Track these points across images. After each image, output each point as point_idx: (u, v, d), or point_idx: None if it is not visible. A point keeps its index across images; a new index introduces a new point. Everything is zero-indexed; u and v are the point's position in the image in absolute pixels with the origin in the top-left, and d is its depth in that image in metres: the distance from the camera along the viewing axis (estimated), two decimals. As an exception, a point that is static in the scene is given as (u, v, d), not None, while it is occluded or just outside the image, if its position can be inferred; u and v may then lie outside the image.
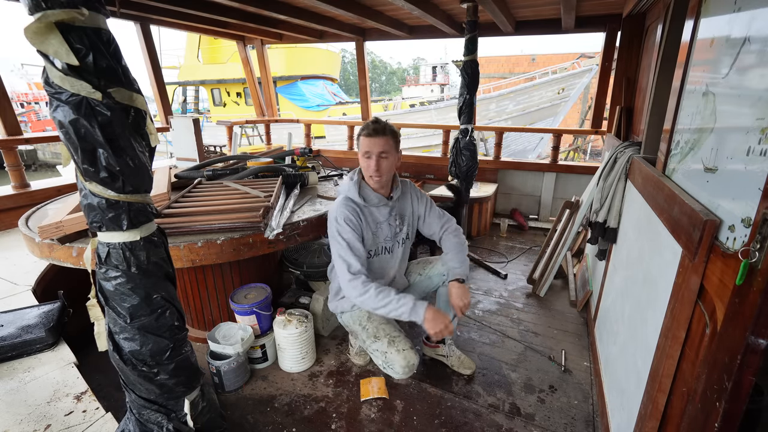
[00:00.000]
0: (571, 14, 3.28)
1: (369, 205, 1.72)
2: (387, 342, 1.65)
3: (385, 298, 1.55)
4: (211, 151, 4.57)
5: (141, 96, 0.91)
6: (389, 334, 1.68)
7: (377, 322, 1.73)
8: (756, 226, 0.69)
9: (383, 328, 1.71)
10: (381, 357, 1.65)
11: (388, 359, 1.62)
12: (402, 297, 1.55)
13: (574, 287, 2.75)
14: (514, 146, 10.15)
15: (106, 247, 0.96)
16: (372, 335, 1.70)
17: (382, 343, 1.65)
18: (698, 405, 0.84)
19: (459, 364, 1.95)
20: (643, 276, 1.39)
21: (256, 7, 3.24)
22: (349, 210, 1.66)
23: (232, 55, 12.21)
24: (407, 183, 1.89)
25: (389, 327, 1.72)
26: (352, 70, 45.93)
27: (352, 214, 1.66)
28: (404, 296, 1.56)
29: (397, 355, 1.60)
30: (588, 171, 3.92)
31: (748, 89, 0.82)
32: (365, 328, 1.74)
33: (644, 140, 1.85)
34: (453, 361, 1.96)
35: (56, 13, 0.75)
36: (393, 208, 1.78)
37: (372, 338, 1.69)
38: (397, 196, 1.78)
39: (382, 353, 1.64)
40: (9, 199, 2.79)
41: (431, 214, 1.88)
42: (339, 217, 1.65)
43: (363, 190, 1.71)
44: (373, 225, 1.74)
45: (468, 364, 1.95)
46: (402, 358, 1.59)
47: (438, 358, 2.00)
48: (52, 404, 1.32)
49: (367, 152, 1.62)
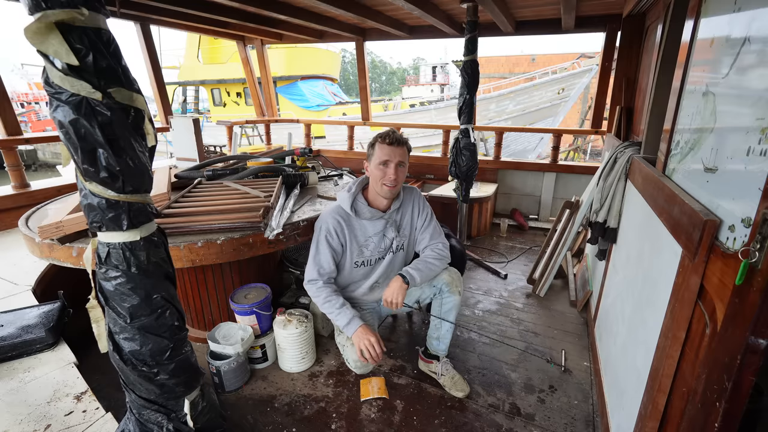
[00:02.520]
0: (571, 14, 3.28)
1: (360, 218, 1.73)
2: (345, 337, 1.77)
3: (330, 307, 1.70)
4: (211, 151, 4.56)
5: (141, 96, 0.91)
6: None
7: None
8: (756, 226, 0.69)
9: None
10: (341, 349, 1.83)
11: (345, 352, 1.80)
12: (342, 312, 1.68)
13: (574, 287, 2.75)
14: (514, 146, 10.16)
15: (106, 247, 0.96)
16: (338, 329, 1.84)
17: (342, 337, 1.81)
18: (698, 405, 0.84)
19: (451, 385, 1.83)
20: (643, 276, 1.39)
21: (256, 7, 3.24)
22: (334, 222, 1.70)
23: (232, 55, 12.21)
24: (413, 191, 1.87)
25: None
26: (352, 70, 45.92)
27: (337, 227, 1.70)
28: (344, 311, 1.68)
29: (351, 349, 1.73)
30: (588, 171, 3.92)
31: (748, 89, 0.82)
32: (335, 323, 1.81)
33: (644, 140, 1.84)
34: (445, 381, 1.85)
35: (56, 13, 0.75)
36: (388, 221, 1.78)
37: (337, 331, 1.86)
38: (395, 208, 1.78)
39: (341, 345, 1.82)
40: (9, 199, 2.79)
41: (427, 229, 1.85)
42: (323, 227, 1.71)
43: (356, 203, 1.72)
44: (362, 238, 1.76)
45: (461, 386, 1.82)
46: (354, 352, 1.70)
47: (431, 375, 1.92)
48: (52, 404, 1.32)
49: (386, 161, 1.63)
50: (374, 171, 1.67)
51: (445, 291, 1.79)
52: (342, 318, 1.67)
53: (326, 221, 1.70)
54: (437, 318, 1.83)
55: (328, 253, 1.71)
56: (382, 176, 1.65)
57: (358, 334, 1.63)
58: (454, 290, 1.78)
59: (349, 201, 1.70)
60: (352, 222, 1.73)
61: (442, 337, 1.85)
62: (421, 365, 1.97)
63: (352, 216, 1.72)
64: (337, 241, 1.72)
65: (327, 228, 1.70)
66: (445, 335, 1.85)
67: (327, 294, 1.71)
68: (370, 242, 1.78)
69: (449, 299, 1.79)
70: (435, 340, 1.87)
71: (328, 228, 1.70)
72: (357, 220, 1.73)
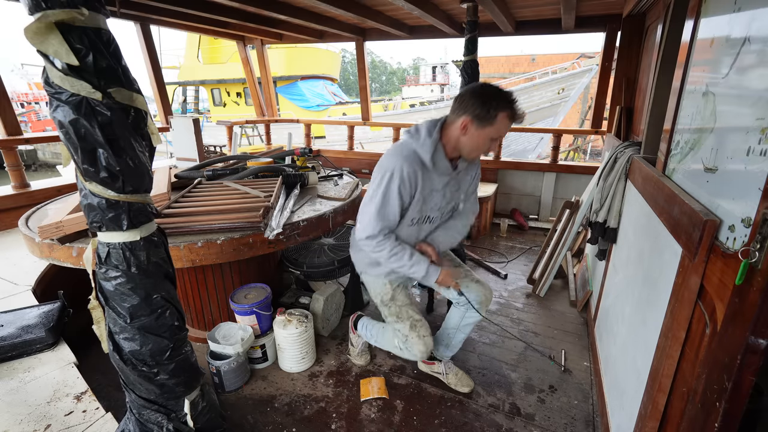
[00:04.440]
0: (571, 14, 3.28)
1: (434, 171, 1.48)
2: (409, 325, 1.63)
3: (399, 259, 1.51)
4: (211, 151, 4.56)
5: (141, 96, 0.91)
6: (412, 317, 1.65)
7: (401, 303, 1.68)
8: (756, 226, 0.69)
9: (406, 310, 1.67)
10: (401, 338, 1.65)
11: (409, 343, 1.63)
12: (417, 262, 1.51)
13: (574, 287, 2.75)
14: (514, 146, 10.16)
15: (106, 247, 0.96)
16: (394, 314, 1.68)
17: (404, 326, 1.64)
18: (698, 405, 0.84)
19: (457, 382, 1.85)
20: (643, 276, 1.39)
21: (256, 7, 3.24)
22: (411, 171, 1.42)
23: (232, 55, 12.21)
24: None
25: (412, 309, 1.68)
26: (352, 70, 45.91)
27: (412, 176, 1.43)
28: (419, 260, 1.52)
29: (418, 341, 1.61)
30: (588, 171, 3.92)
31: (748, 89, 0.82)
32: (387, 306, 1.69)
33: (644, 140, 1.84)
34: (450, 379, 1.86)
35: (56, 13, 0.75)
36: (453, 179, 1.57)
37: (394, 317, 1.68)
38: (462, 168, 1.59)
39: (404, 336, 1.64)
40: (9, 199, 2.79)
41: (473, 193, 1.73)
42: (397, 174, 1.42)
43: (437, 154, 1.46)
44: (427, 191, 1.51)
45: (467, 382, 1.85)
46: (423, 344, 1.61)
47: (434, 375, 1.92)
48: (52, 404, 1.32)
49: (500, 135, 1.42)
50: (478, 138, 1.40)
51: (473, 307, 1.71)
52: (419, 268, 1.51)
53: (401, 168, 1.41)
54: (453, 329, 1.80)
55: (397, 205, 1.46)
56: (486, 148, 1.44)
57: (445, 278, 1.52)
58: (483, 309, 1.72)
59: (431, 150, 1.44)
60: (426, 173, 1.47)
61: (453, 346, 1.84)
62: (422, 367, 1.96)
63: (429, 167, 1.46)
64: (409, 192, 1.46)
65: (402, 176, 1.42)
66: (456, 345, 1.84)
67: (392, 246, 1.50)
68: (432, 198, 1.54)
69: (473, 316, 1.73)
70: (444, 347, 1.86)
71: (403, 176, 1.42)
72: (430, 171, 1.47)
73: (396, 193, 1.44)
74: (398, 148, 1.47)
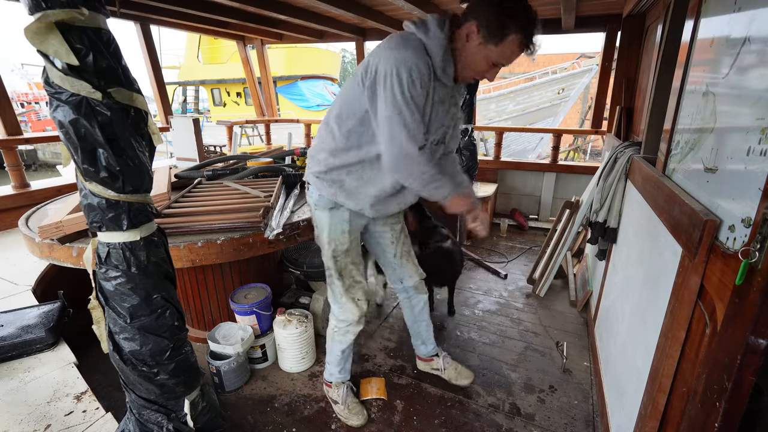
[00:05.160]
0: (571, 14, 3.28)
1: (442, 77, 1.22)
2: (348, 285, 1.52)
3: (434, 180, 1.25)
4: (211, 151, 4.57)
5: (141, 96, 0.91)
6: (353, 278, 1.52)
7: (350, 259, 1.50)
8: (756, 226, 0.69)
9: (350, 269, 1.51)
10: (337, 296, 1.54)
11: (342, 302, 1.54)
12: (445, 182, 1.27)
13: (574, 287, 2.75)
14: (514, 146, 10.16)
15: (106, 247, 0.96)
16: (339, 270, 1.50)
17: (343, 284, 1.51)
18: (698, 405, 0.84)
19: (456, 376, 1.85)
20: (643, 276, 1.39)
21: (256, 7, 3.24)
22: (423, 63, 1.14)
23: (232, 55, 12.21)
24: None
25: (356, 270, 1.53)
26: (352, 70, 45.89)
27: (425, 75, 1.14)
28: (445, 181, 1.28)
29: (351, 304, 1.53)
30: (588, 171, 3.92)
31: (748, 89, 0.82)
32: (336, 259, 1.48)
33: (644, 140, 1.84)
34: (450, 373, 1.86)
35: (56, 13, 0.75)
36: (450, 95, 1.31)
37: (337, 274, 1.50)
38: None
39: (339, 294, 1.53)
40: (9, 199, 2.79)
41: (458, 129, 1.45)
42: (414, 68, 1.12)
43: (446, 54, 1.19)
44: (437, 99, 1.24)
45: (466, 374, 1.86)
46: (356, 307, 1.54)
47: (433, 373, 1.92)
48: (52, 404, 1.32)
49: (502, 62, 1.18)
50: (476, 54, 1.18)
51: (412, 292, 1.75)
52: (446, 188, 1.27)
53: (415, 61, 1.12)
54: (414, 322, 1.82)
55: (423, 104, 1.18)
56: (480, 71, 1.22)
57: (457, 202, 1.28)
58: (422, 289, 1.77)
59: (442, 46, 1.16)
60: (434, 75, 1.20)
61: (425, 338, 1.86)
62: (421, 366, 1.97)
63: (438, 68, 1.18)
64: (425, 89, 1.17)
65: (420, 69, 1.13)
66: (426, 335, 1.85)
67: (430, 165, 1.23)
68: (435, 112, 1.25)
69: (418, 299, 1.77)
70: (421, 345, 1.88)
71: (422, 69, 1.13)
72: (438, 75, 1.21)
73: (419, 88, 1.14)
74: (399, 40, 1.16)
